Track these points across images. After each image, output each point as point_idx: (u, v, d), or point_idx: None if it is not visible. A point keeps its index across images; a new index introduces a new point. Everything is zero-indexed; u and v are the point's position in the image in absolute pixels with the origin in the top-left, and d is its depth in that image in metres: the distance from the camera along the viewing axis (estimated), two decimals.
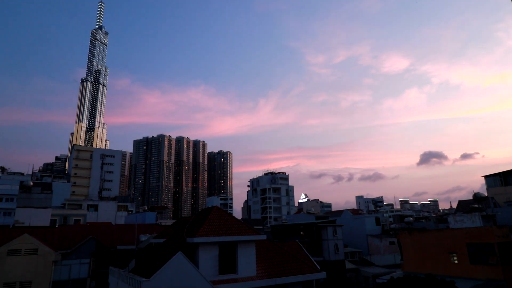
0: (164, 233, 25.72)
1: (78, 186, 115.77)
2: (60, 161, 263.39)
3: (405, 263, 38.10)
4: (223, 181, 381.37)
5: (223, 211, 23.33)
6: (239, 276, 20.64)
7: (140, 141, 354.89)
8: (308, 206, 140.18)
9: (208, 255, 20.02)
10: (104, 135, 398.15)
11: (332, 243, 49.85)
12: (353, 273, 51.61)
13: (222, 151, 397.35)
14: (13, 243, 30.01)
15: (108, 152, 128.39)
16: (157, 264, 19.06)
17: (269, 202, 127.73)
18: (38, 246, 30.96)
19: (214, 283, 19.04)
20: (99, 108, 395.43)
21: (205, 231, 20.49)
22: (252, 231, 22.05)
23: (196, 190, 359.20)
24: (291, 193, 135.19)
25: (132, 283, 18.63)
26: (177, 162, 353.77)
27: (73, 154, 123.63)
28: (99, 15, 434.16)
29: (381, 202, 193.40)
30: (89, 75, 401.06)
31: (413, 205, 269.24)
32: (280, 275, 21.94)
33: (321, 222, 53.01)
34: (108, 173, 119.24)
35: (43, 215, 49.07)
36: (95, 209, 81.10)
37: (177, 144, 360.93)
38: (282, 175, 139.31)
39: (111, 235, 40.81)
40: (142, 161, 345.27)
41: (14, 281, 29.23)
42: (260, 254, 23.09)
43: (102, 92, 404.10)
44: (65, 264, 32.82)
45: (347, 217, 68.79)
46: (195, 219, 23.48)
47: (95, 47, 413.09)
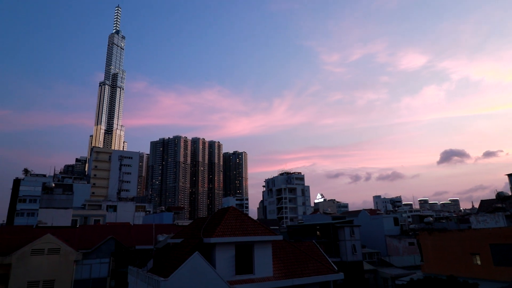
0: (181, 233, 26.00)
1: (98, 187, 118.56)
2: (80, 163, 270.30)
3: (425, 264, 37.19)
4: (239, 182, 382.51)
5: (239, 211, 23.37)
6: (256, 276, 20.61)
7: (157, 143, 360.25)
8: (324, 206, 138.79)
9: (224, 255, 20.09)
10: (122, 137, 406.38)
11: (350, 244, 49.19)
12: (371, 274, 50.79)
13: (237, 152, 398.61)
14: (37, 242, 30.97)
15: (126, 154, 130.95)
16: (174, 264, 19.27)
17: (284, 202, 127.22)
18: (60, 246, 31.83)
19: (231, 283, 19.09)
20: (117, 110, 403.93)
21: (222, 232, 20.57)
22: (269, 232, 21.99)
23: (212, 191, 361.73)
24: (307, 193, 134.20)
25: (150, 282, 18.90)
26: (193, 163, 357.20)
27: (92, 156, 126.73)
28: (116, 19, 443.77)
29: (400, 202, 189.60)
30: (107, 78, 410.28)
31: (432, 205, 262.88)
32: (297, 276, 21.79)
33: (338, 223, 52.40)
34: (126, 174, 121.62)
35: (65, 216, 50.43)
36: (114, 209, 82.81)
37: (193, 145, 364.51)
38: (297, 175, 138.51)
39: (129, 235, 41.57)
40: (159, 162, 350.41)
41: (38, 280, 30.16)
42: (277, 255, 23.00)
43: (120, 95, 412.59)
44: (86, 264, 33.63)
45: (364, 217, 67.75)
46: (212, 220, 23.61)
47: (113, 51, 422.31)
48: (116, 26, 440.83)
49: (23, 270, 29.75)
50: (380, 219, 65.08)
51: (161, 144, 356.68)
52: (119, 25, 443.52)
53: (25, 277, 29.70)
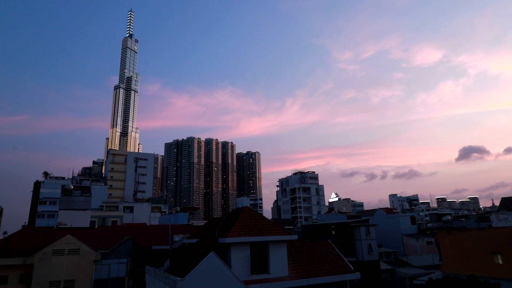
0: (197, 234, 26.25)
1: (114, 188, 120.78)
2: (97, 165, 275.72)
3: (444, 264, 36.42)
4: (252, 182, 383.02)
5: (253, 211, 23.43)
6: (271, 276, 20.63)
7: (171, 144, 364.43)
8: (339, 205, 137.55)
9: (239, 255, 20.18)
10: (137, 139, 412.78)
11: (366, 243, 48.63)
12: (388, 274, 50.06)
13: (251, 152, 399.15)
14: (57, 243, 31.83)
15: (141, 156, 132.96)
16: (190, 263, 19.49)
17: (299, 202, 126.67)
18: (79, 246, 32.62)
19: (247, 283, 19.17)
20: (131, 113, 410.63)
21: (237, 231, 20.68)
22: (283, 231, 21.98)
23: (226, 191, 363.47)
24: (321, 193, 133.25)
25: (167, 282, 19.17)
26: (207, 164, 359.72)
27: (108, 158, 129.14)
28: (129, 23, 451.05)
29: (416, 200, 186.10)
30: (122, 82, 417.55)
31: (451, 203, 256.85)
32: (312, 276, 21.70)
33: (353, 222, 51.87)
34: (141, 176, 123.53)
35: (83, 217, 51.59)
36: (131, 210, 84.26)
37: (206, 146, 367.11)
38: (311, 174, 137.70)
39: (146, 235, 42.20)
40: (173, 163, 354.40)
41: (59, 280, 30.99)
42: (292, 254, 22.96)
43: (134, 98, 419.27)
44: (104, 264, 34.35)
45: (380, 216, 66.83)
46: (226, 220, 23.76)
47: (126, 55, 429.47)
48: (129, 30, 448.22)
49: (44, 270, 30.63)
50: (396, 218, 64.07)
51: (175, 145, 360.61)
52: (132, 29, 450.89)
53: (46, 277, 30.55)
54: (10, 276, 30.23)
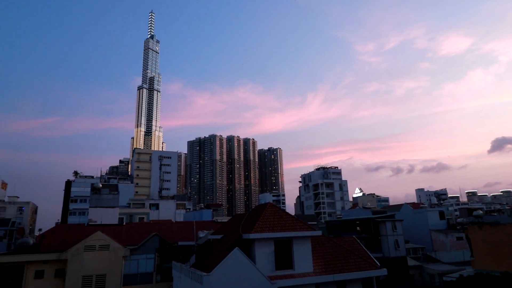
0: (221, 230, 26.62)
1: (140, 186, 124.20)
2: (123, 164, 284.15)
3: (476, 260, 35.09)
4: (275, 178, 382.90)
5: (277, 207, 23.48)
6: (296, 272, 20.64)
7: (193, 142, 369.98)
8: (363, 200, 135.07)
9: (264, 251, 20.31)
10: (161, 138, 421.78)
11: (392, 239, 47.63)
12: (416, 270, 48.87)
13: (272, 148, 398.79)
14: (88, 239, 33.17)
15: (165, 154, 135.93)
16: (216, 259, 19.80)
17: (322, 197, 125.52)
18: (109, 243, 33.85)
19: (271, 278, 19.27)
20: (155, 113, 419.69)
21: (260, 227, 20.80)
22: (307, 227, 21.90)
23: (248, 187, 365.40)
24: (345, 188, 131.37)
25: (194, 277, 19.59)
26: (229, 161, 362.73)
27: (134, 157, 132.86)
28: (150, 25, 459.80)
29: (445, 195, 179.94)
30: (145, 82, 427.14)
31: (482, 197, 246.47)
32: (338, 271, 21.53)
33: (379, 217, 50.88)
34: (166, 174, 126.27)
35: (112, 214, 53.49)
36: (156, 207, 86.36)
37: (228, 143, 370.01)
38: (334, 169, 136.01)
39: (172, 231, 43.17)
40: (196, 161, 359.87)
41: (91, 274, 32.32)
42: (316, 250, 22.85)
43: (157, 98, 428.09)
44: (133, 259, 35.47)
45: (407, 211, 65.18)
46: (250, 216, 23.92)
47: (148, 56, 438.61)
48: (151, 31, 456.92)
49: (77, 265, 32.02)
50: (424, 213, 62.31)
51: (198, 143, 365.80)
52: (153, 30, 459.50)
53: (79, 271, 31.93)
54: (46, 270, 31.83)
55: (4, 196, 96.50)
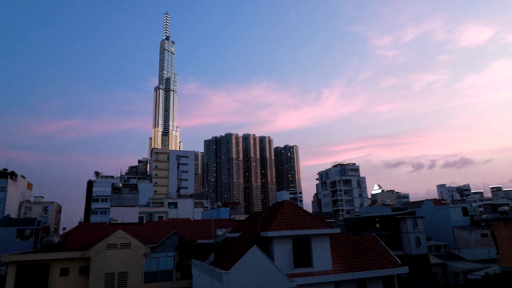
0: (239, 228, 26.72)
1: (159, 185, 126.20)
2: (142, 164, 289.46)
3: (502, 257, 33.91)
4: (291, 175, 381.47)
5: (294, 205, 23.36)
6: (315, 270, 20.50)
7: (210, 141, 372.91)
8: (382, 197, 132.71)
9: (282, 249, 20.25)
10: (178, 137, 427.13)
11: (413, 236, 46.63)
12: (439, 268, 47.68)
13: (288, 146, 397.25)
14: (110, 238, 33.96)
15: (182, 153, 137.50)
16: (234, 257, 19.89)
17: (340, 194, 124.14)
18: (130, 241, 34.55)
19: (290, 276, 19.20)
20: (171, 113, 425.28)
21: (278, 225, 20.75)
22: (325, 224, 21.69)
23: (265, 185, 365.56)
24: (363, 185, 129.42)
25: (213, 275, 19.75)
26: (245, 159, 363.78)
27: (152, 157, 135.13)
28: (165, 26, 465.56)
29: (468, 190, 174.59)
30: (161, 83, 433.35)
31: (507, 193, 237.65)
32: (357, 269, 21.24)
33: (399, 214, 49.89)
34: (183, 173, 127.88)
35: (132, 213, 54.65)
36: (175, 206, 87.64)
37: (244, 142, 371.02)
38: (352, 166, 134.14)
39: (190, 230, 43.73)
40: (213, 159, 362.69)
41: (114, 272, 33.10)
42: (335, 248, 22.61)
43: (173, 98, 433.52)
44: (154, 257, 36.14)
45: (428, 208, 63.65)
46: (267, 214, 23.90)
47: (164, 57, 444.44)
48: (166, 32, 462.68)
49: (100, 263, 32.85)
50: (446, 209, 60.69)
51: (214, 142, 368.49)
52: (168, 31, 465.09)
53: (102, 269, 32.75)
54: (71, 268, 32.80)
55: (30, 196, 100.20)
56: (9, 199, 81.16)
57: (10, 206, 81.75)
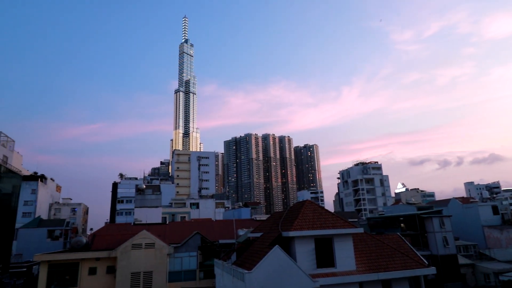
0: (260, 228, 26.76)
1: (181, 186, 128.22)
2: (164, 165, 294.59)
3: None
4: (312, 175, 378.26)
5: (315, 204, 23.16)
6: (338, 270, 20.24)
7: (230, 142, 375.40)
8: (407, 196, 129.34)
9: (304, 249, 20.12)
10: (198, 139, 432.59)
11: (440, 236, 45.20)
12: (468, 269, 45.99)
13: (308, 145, 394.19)
14: (135, 238, 34.83)
15: (203, 154, 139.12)
16: (256, 257, 19.93)
17: (362, 193, 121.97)
18: (154, 241, 35.31)
19: (313, 276, 19.05)
20: (191, 114, 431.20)
21: (300, 225, 20.63)
22: (348, 224, 21.39)
23: (285, 185, 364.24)
24: (386, 183, 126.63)
25: (235, 274, 19.87)
26: (265, 159, 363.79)
27: (174, 158, 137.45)
28: (184, 29, 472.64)
29: (498, 188, 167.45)
30: (181, 85, 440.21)
31: None
32: (382, 270, 20.81)
33: (425, 213, 48.48)
34: (204, 173, 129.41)
35: (156, 214, 55.80)
36: (197, 206, 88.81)
37: (263, 142, 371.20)
38: (374, 164, 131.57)
39: (212, 230, 44.19)
40: (233, 160, 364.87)
41: (139, 271, 33.94)
42: (358, 248, 22.25)
43: (193, 100, 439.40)
44: (177, 257, 36.77)
45: (455, 206, 61.52)
46: (289, 213, 23.81)
47: (183, 59, 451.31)
48: (185, 35, 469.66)
49: (126, 262, 33.75)
50: (475, 208, 58.45)
51: (234, 142, 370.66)
52: (187, 34, 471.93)
53: (128, 268, 33.64)
54: (99, 267, 33.89)
55: (59, 198, 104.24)
56: (39, 201, 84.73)
57: (40, 208, 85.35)
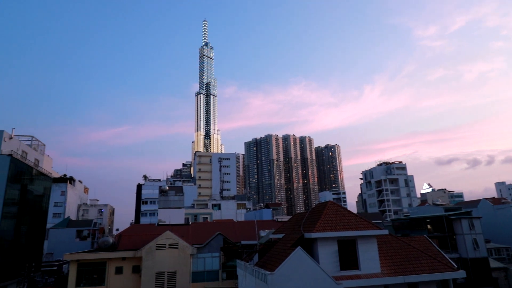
0: (282, 229, 26.68)
1: (203, 188, 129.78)
2: (186, 167, 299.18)
3: None
4: (333, 175, 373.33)
5: (338, 205, 22.86)
6: (362, 272, 19.88)
7: (250, 143, 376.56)
8: (433, 196, 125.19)
9: (327, 250, 19.89)
10: (219, 140, 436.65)
11: (469, 238, 43.47)
12: (501, 273, 43.97)
13: (329, 145, 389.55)
14: (159, 238, 35.57)
15: (224, 156, 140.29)
16: (278, 258, 19.89)
17: (386, 194, 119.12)
18: (178, 241, 35.93)
19: (336, 278, 18.79)
20: (212, 116, 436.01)
21: (322, 226, 20.42)
22: (372, 226, 20.97)
23: (307, 186, 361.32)
24: (411, 184, 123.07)
25: (258, 275, 19.89)
26: (286, 160, 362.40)
27: (195, 160, 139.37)
28: (204, 32, 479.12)
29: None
30: (201, 88, 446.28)
31: None
32: (408, 273, 20.25)
33: (453, 214, 46.79)
34: (225, 175, 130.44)
35: (178, 214, 56.83)
36: (218, 207, 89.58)
37: (284, 142, 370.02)
38: (398, 164, 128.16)
39: (234, 231, 44.42)
40: (254, 161, 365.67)
41: (163, 271, 34.64)
42: (383, 250, 21.76)
43: (214, 102, 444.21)
44: (200, 257, 37.23)
45: (485, 207, 59.04)
46: (310, 215, 23.61)
47: (204, 62, 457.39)
48: (205, 38, 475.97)
49: (151, 262, 34.53)
50: (507, 209, 55.91)
51: (254, 144, 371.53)
52: (207, 37, 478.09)
53: (153, 268, 34.41)
54: (125, 267, 34.86)
55: (87, 199, 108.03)
56: (68, 202, 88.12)
57: (69, 209, 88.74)
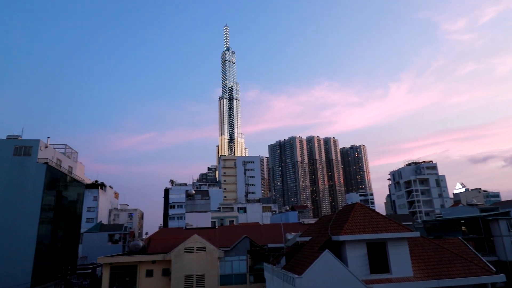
0: (309, 232, 26.42)
1: (228, 191, 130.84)
2: (211, 171, 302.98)
3: None
4: (360, 176, 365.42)
5: (366, 207, 22.37)
6: (393, 276, 19.30)
7: (274, 146, 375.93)
8: (467, 197, 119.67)
9: (356, 253, 19.48)
10: (243, 144, 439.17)
11: (508, 240, 41.20)
12: None
13: (355, 146, 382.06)
14: (187, 242, 36.19)
15: (248, 159, 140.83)
16: (306, 261, 19.70)
17: (416, 195, 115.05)
18: (205, 245, 36.40)
19: (366, 282, 18.36)
20: (235, 120, 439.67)
21: (350, 229, 20.04)
22: (402, 228, 20.34)
23: (333, 188, 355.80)
24: (443, 184, 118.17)
25: (285, 279, 19.79)
26: (311, 162, 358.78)
27: (220, 164, 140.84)
28: (226, 37, 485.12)
29: None
30: (224, 92, 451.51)
31: None
32: (443, 277, 19.45)
33: (489, 215, 44.53)
34: (250, 178, 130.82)
35: (205, 218, 57.61)
36: (244, 211, 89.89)
37: (308, 144, 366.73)
38: (428, 164, 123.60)
39: (260, 234, 44.42)
40: (278, 164, 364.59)
41: (192, 274, 35.17)
42: (415, 253, 21.05)
43: (237, 106, 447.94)
44: (227, 260, 37.51)
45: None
46: (337, 217, 23.24)
47: (226, 67, 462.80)
48: (226, 43, 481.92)
49: (180, 265, 35.17)
50: None
51: (278, 146, 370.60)
52: (228, 42, 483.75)
53: (182, 271, 35.03)
54: (155, 270, 35.73)
55: (117, 204, 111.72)
56: (100, 207, 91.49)
57: (101, 214, 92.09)
